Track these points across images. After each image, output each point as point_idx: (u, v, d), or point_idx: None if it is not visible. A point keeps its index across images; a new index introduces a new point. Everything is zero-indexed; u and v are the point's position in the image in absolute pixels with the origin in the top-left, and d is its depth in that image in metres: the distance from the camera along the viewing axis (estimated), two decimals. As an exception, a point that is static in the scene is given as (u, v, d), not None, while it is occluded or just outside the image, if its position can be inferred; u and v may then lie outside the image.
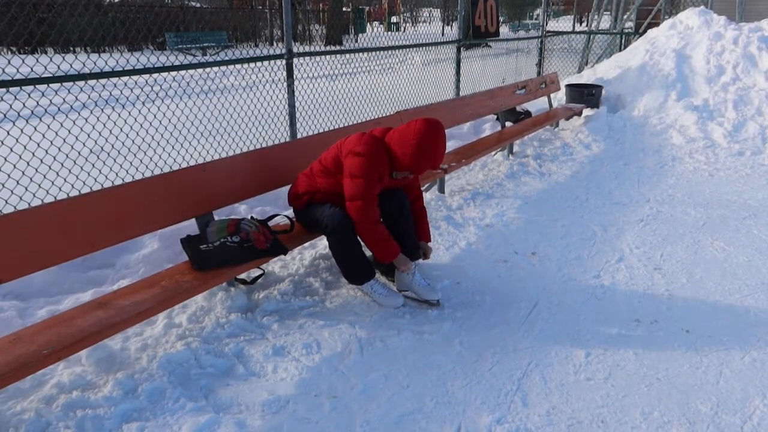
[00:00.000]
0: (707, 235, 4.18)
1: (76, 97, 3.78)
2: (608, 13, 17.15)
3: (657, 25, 9.75)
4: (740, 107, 7.18)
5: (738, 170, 5.78)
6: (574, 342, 2.86)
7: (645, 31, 9.84)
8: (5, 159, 3.45)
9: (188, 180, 3.12)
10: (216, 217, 3.19)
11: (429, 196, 4.88)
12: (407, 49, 7.92)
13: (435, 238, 4.07)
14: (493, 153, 6.12)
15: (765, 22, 8.34)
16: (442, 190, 5.03)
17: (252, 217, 3.12)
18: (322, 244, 3.91)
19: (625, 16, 15.83)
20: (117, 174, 4.23)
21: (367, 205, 3.01)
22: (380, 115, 5.02)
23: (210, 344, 2.78)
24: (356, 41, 25.99)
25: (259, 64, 4.94)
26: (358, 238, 3.14)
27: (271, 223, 3.21)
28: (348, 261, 3.18)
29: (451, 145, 6.41)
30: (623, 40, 12.18)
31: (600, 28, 16.87)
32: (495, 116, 7.31)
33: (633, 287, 3.42)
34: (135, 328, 2.87)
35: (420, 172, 3.04)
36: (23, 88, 3.24)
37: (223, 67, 4.76)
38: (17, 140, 3.53)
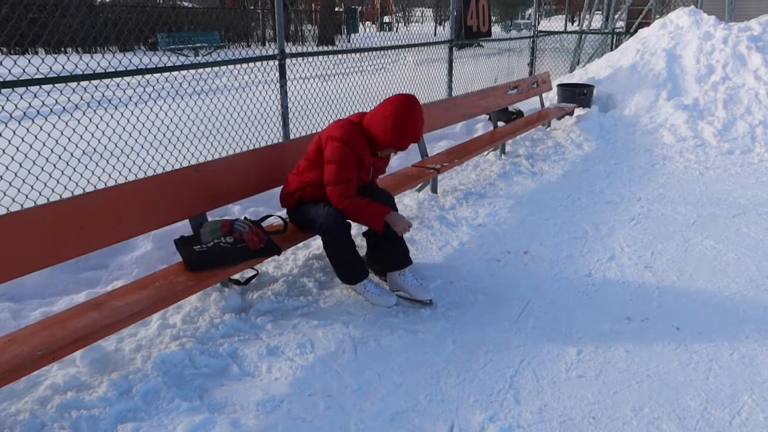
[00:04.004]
0: (697, 233, 4.22)
1: (69, 99, 3.78)
2: (600, 12, 17.22)
3: (648, 24, 9.81)
4: (730, 106, 7.24)
5: (728, 169, 5.83)
6: (566, 340, 2.88)
7: (636, 31, 9.91)
8: (-3, 161, 3.46)
9: (181, 181, 3.12)
10: (209, 218, 3.20)
11: (422, 196, 4.91)
12: (400, 49, 7.92)
13: (428, 238, 4.09)
14: (485, 153, 6.15)
15: (754, 22, 8.41)
16: (434, 190, 5.05)
17: (245, 218, 3.13)
18: (315, 244, 3.92)
19: (616, 16, 15.90)
20: (110, 175, 4.23)
21: (341, 187, 3.07)
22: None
23: (204, 344, 2.79)
24: (349, 41, 26.01)
25: (251, 64, 4.95)
26: (351, 237, 3.16)
27: (264, 224, 3.22)
28: (342, 261, 3.20)
29: (443, 145, 6.44)
30: (614, 40, 12.24)
31: (591, 27, 16.95)
32: (487, 116, 7.33)
33: (624, 285, 3.45)
34: (129, 329, 2.87)
35: (402, 147, 3.09)
36: (15, 89, 3.24)
37: (216, 68, 4.76)
38: (9, 142, 3.52)
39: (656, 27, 8.96)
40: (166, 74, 4.28)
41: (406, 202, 4.77)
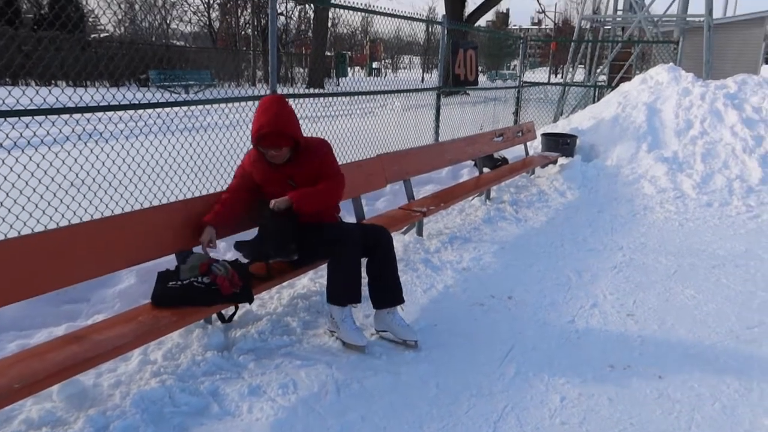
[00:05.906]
0: (678, 283, 4.28)
1: (60, 130, 3.78)
2: (582, 66, 17.78)
3: (629, 79, 10.15)
4: (708, 160, 7.46)
5: (707, 220, 5.96)
6: (549, 386, 2.88)
7: (617, 85, 10.23)
8: (-16, 190, 3.44)
9: (169, 215, 3.12)
10: (195, 251, 3.18)
11: (408, 238, 4.94)
12: (388, 95, 8.08)
13: (413, 280, 4.11)
14: (470, 198, 6.23)
15: (730, 80, 8.74)
16: (420, 233, 5.09)
17: (225, 260, 3.09)
18: (300, 283, 3.91)
19: (598, 70, 16.42)
20: (96, 208, 4.20)
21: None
22: (360, 158, 5.10)
23: (185, 382, 2.74)
24: (338, 85, 26.45)
25: (242, 103, 5.01)
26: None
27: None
28: (345, 276, 3.15)
29: (429, 189, 6.51)
30: (597, 93, 12.61)
31: (574, 80, 17.46)
32: (473, 162, 7.46)
33: (606, 333, 3.48)
34: (109, 364, 2.82)
35: (256, 136, 3.12)
36: (7, 119, 3.25)
37: (207, 106, 4.83)
38: (-3, 171, 3.51)
39: (637, 82, 9.27)
40: (157, 110, 4.32)
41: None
